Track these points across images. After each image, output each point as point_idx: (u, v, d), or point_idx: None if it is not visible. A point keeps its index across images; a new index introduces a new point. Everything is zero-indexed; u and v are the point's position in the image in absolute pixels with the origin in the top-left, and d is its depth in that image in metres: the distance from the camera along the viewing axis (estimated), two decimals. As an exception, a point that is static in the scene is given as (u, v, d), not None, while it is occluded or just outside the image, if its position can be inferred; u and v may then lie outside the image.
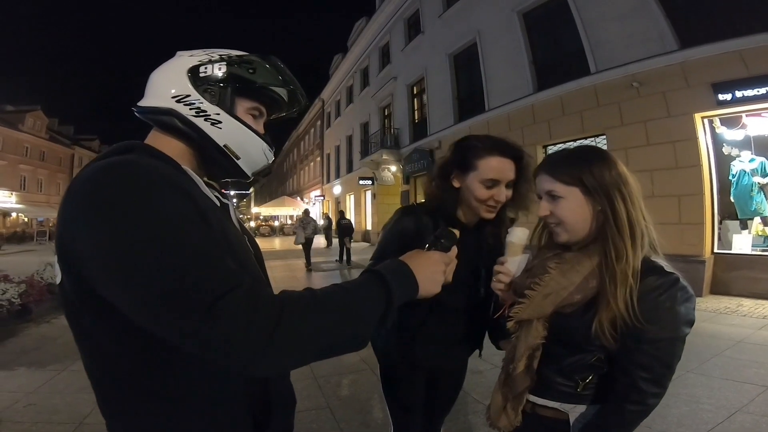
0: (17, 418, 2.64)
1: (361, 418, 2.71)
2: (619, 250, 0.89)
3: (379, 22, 18.20)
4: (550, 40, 9.48)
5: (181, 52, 0.81)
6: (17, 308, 4.92)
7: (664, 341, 0.87)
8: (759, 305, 5.50)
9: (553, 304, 0.94)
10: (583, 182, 0.94)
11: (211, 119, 0.77)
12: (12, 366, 3.58)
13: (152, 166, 0.62)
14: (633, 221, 0.91)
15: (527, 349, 0.99)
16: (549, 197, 0.99)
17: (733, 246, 6.48)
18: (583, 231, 0.96)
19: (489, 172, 1.24)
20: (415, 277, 0.76)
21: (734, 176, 6.53)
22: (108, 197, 0.58)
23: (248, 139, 0.82)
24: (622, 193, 0.92)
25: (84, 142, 43.73)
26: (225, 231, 0.69)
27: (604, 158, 0.96)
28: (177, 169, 0.72)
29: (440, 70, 13.20)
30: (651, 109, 6.98)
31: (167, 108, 0.75)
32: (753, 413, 2.59)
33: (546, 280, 0.96)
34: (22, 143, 32.56)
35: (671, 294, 0.86)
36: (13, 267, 6.80)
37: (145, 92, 0.80)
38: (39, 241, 23.86)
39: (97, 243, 0.57)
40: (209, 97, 0.77)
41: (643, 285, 0.87)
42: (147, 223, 0.56)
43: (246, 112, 0.82)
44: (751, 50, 5.92)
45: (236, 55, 0.81)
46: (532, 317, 0.98)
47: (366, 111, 20.04)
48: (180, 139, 0.77)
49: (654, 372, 0.87)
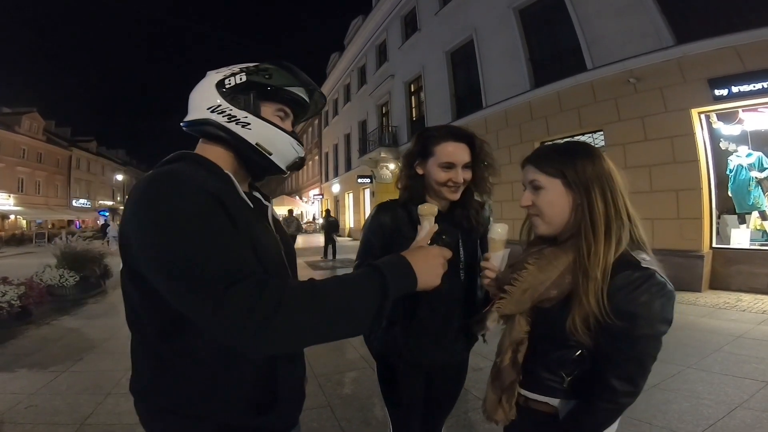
0: (18, 420, 2.64)
1: (361, 416, 2.72)
2: (590, 245, 0.89)
3: (376, 20, 18.17)
4: (546, 36, 9.48)
5: (209, 72, 0.94)
6: (17, 310, 4.91)
7: (638, 339, 0.85)
8: (758, 300, 5.51)
9: (531, 298, 0.96)
10: (565, 175, 0.95)
11: (241, 122, 0.88)
12: (13, 368, 3.58)
13: (189, 175, 0.76)
14: (609, 217, 0.91)
15: (511, 343, 1.02)
16: (532, 187, 1.01)
17: (731, 241, 6.52)
18: (561, 223, 0.97)
19: (444, 156, 1.36)
20: (413, 269, 0.81)
21: (731, 171, 6.57)
22: (150, 204, 0.72)
23: (276, 135, 0.93)
24: (602, 188, 0.92)
25: (81, 143, 43.51)
26: (251, 229, 0.81)
27: (588, 153, 0.97)
28: (218, 173, 0.85)
29: (437, 68, 13.20)
30: (648, 105, 6.99)
31: (204, 119, 0.89)
32: (753, 408, 2.60)
33: (524, 275, 0.98)
34: (19, 145, 32.39)
35: (646, 289, 0.84)
36: (12, 269, 6.81)
37: (188, 110, 0.93)
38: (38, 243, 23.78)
39: (142, 240, 0.72)
40: (237, 103, 0.89)
41: (616, 280, 0.86)
42: (177, 226, 0.69)
43: (273, 114, 0.94)
44: (747, 45, 5.94)
45: (254, 65, 0.92)
46: (513, 312, 1.00)
47: (364, 109, 20.02)
48: (221, 145, 0.90)
49: (626, 371, 0.86)
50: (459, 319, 1.44)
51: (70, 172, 39.67)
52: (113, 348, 4.14)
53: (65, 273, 6.42)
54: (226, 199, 0.76)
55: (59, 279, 6.30)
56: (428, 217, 1.23)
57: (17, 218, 31.71)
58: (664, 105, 6.81)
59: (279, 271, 0.88)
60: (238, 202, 0.83)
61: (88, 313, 5.80)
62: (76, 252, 6.87)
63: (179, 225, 0.69)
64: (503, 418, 1.03)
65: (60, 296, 6.22)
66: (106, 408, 2.80)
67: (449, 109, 12.60)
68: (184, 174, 0.76)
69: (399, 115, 16.35)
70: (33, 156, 34.06)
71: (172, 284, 0.69)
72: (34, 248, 21.21)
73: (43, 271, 6.37)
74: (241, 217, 0.78)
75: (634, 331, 0.85)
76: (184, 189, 0.73)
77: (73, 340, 4.49)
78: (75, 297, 6.43)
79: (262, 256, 0.79)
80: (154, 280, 0.72)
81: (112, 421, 2.62)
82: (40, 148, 35.00)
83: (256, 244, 0.80)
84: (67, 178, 39.22)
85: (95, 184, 44.69)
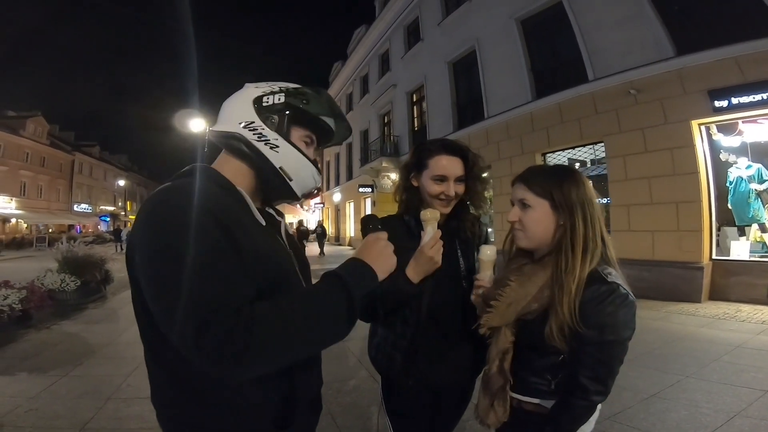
0: (18, 423, 2.64)
1: (362, 424, 2.72)
2: (569, 262, 0.99)
3: (379, 30, 18.35)
4: (548, 47, 9.57)
5: (248, 84, 0.94)
6: (18, 314, 4.92)
7: (605, 344, 0.96)
8: (757, 310, 5.51)
9: (515, 312, 1.06)
10: (553, 197, 1.05)
11: (271, 143, 0.89)
12: (13, 371, 3.59)
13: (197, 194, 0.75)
14: (588, 239, 1.01)
15: (498, 353, 1.10)
16: (521, 204, 1.10)
17: (731, 252, 6.51)
18: (542, 240, 1.08)
19: (438, 169, 1.38)
20: (365, 263, 0.84)
21: (731, 183, 6.58)
22: (151, 221, 0.74)
23: (301, 163, 0.93)
24: (584, 212, 1.02)
25: (85, 148, 43.76)
26: (260, 246, 0.80)
27: (575, 178, 1.06)
28: (229, 190, 0.85)
29: (439, 78, 13.29)
30: (648, 116, 7.03)
31: (235, 133, 0.88)
32: (751, 417, 2.61)
33: (507, 291, 1.07)
34: (23, 149, 32.55)
35: (611, 301, 0.95)
36: (13, 273, 6.81)
37: (217, 119, 0.93)
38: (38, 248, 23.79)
39: (140, 256, 0.74)
40: (270, 124, 0.89)
41: (586, 293, 0.96)
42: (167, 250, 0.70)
43: (300, 139, 0.94)
44: (747, 56, 5.99)
45: (293, 88, 0.93)
46: (500, 324, 1.09)
47: (366, 118, 20.13)
48: (243, 161, 0.90)
49: (596, 371, 0.96)
50: (466, 330, 1.40)
51: (72, 176, 39.79)
52: (113, 353, 4.14)
53: (66, 277, 6.43)
54: (231, 220, 0.76)
55: (60, 283, 6.31)
56: (431, 222, 1.27)
57: (18, 222, 31.75)
58: (664, 116, 6.85)
59: (289, 283, 0.88)
60: (247, 220, 0.83)
61: (88, 318, 5.81)
62: (77, 257, 6.89)
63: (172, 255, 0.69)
64: (495, 421, 1.12)
65: (61, 301, 6.22)
66: (107, 413, 2.79)
67: (451, 119, 12.66)
68: (195, 191, 0.76)
69: (401, 125, 16.43)
70: (36, 160, 34.21)
71: (154, 308, 0.72)
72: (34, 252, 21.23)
73: (45, 275, 6.38)
74: (248, 236, 0.78)
75: (602, 338, 0.95)
76: (188, 209, 0.72)
77: (73, 345, 4.49)
78: (76, 302, 6.44)
79: (273, 271, 0.81)
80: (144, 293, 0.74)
81: (112, 426, 2.62)
82: (43, 152, 35.17)
83: (267, 261, 0.80)
84: (69, 182, 39.33)
85: (97, 189, 44.80)
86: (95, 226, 41.41)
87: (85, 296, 6.74)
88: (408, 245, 1.27)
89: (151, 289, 0.72)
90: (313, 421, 0.99)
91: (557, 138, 8.80)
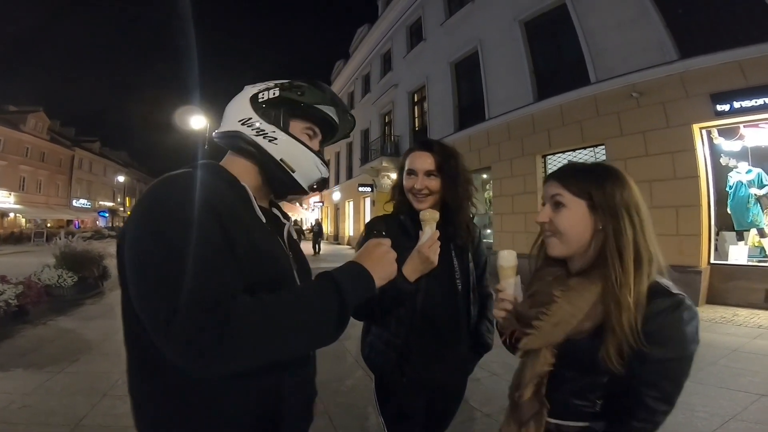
0: (12, 420, 2.62)
1: (359, 425, 2.71)
2: (621, 275, 0.87)
3: (382, 29, 18.34)
4: (550, 49, 9.56)
5: (247, 86, 0.95)
6: (14, 309, 4.90)
7: (673, 361, 0.86)
8: (754, 315, 5.53)
9: (564, 332, 0.92)
10: (592, 197, 0.92)
11: (269, 137, 0.89)
12: (8, 367, 3.57)
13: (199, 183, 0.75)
14: (640, 247, 0.89)
15: (534, 377, 0.96)
16: (553, 204, 0.97)
17: (729, 257, 6.51)
18: (577, 246, 0.95)
19: (408, 164, 1.45)
20: (364, 268, 0.82)
21: (731, 187, 6.58)
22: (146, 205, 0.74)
23: (301, 153, 0.93)
24: (631, 216, 0.90)
25: (85, 143, 43.72)
26: (256, 243, 0.79)
27: (619, 178, 0.94)
28: (232, 184, 0.85)
29: (441, 78, 13.28)
30: (650, 120, 7.03)
31: (234, 131, 0.90)
32: (747, 421, 2.62)
33: (554, 309, 0.93)
34: (23, 144, 32.52)
35: (678, 315, 0.85)
36: (10, 268, 6.80)
37: (221, 122, 0.94)
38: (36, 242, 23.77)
39: (128, 239, 0.73)
40: (267, 118, 0.90)
41: (649, 308, 0.85)
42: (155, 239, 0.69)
43: (301, 132, 0.94)
44: (750, 60, 5.98)
45: (288, 82, 0.93)
46: (540, 346, 0.96)
47: (367, 118, 20.12)
48: (247, 158, 0.91)
49: (663, 391, 0.87)
50: (460, 330, 1.44)
51: (72, 171, 39.76)
52: (109, 349, 4.12)
53: (64, 273, 6.42)
54: (228, 212, 0.75)
55: (57, 279, 6.30)
56: (430, 223, 1.28)
57: (16, 216, 31.73)
58: (666, 120, 6.85)
59: (286, 284, 0.85)
60: (247, 215, 0.83)
61: (85, 314, 5.79)
62: (75, 252, 6.88)
63: (158, 244, 0.68)
64: None
65: (58, 296, 6.21)
66: (102, 409, 2.79)
67: (452, 120, 12.66)
68: (194, 181, 0.76)
69: (402, 125, 16.42)
70: (36, 155, 34.19)
71: (133, 288, 0.70)
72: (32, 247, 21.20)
73: (42, 270, 6.37)
74: (245, 230, 0.77)
75: (669, 354, 0.85)
76: (184, 197, 0.72)
77: (69, 341, 4.48)
78: (72, 297, 6.43)
79: (267, 269, 0.80)
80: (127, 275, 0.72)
81: (107, 423, 2.61)
82: (43, 147, 35.13)
83: (261, 258, 0.79)
84: (68, 177, 39.29)
85: (96, 184, 44.77)
86: (94, 221, 41.39)
87: (82, 292, 6.72)
88: (404, 244, 1.28)
89: (132, 272, 0.70)
90: (303, 430, 0.96)
91: (558, 140, 8.79)
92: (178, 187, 0.75)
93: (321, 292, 0.76)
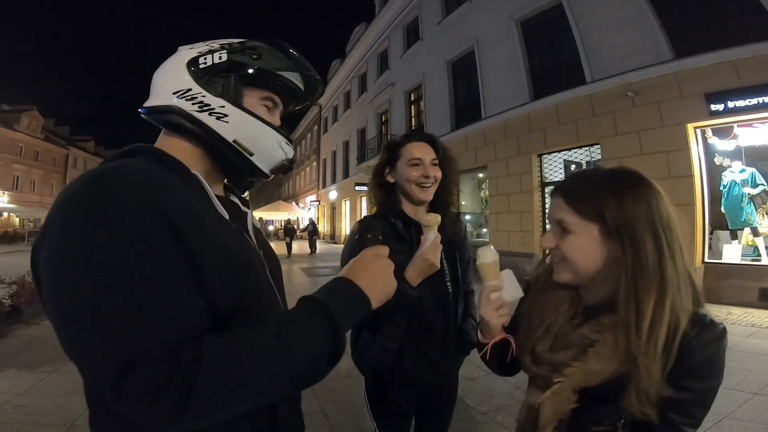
0: (6, 420, 2.61)
1: (355, 423, 2.71)
2: (632, 321, 0.73)
3: (378, 28, 18.32)
4: (547, 48, 9.58)
5: (181, 47, 0.76)
6: (8, 309, 4.87)
7: (709, 390, 0.76)
8: (747, 313, 5.56)
9: (599, 377, 0.78)
10: (604, 218, 0.76)
11: (216, 113, 0.71)
12: (2, 367, 3.55)
13: (127, 180, 0.57)
14: (666, 276, 0.72)
15: (555, 415, 0.83)
16: (558, 228, 0.82)
17: (723, 256, 6.56)
18: (593, 275, 0.80)
19: (412, 153, 1.41)
20: (359, 288, 0.68)
21: (725, 187, 6.62)
22: (67, 215, 0.55)
23: (260, 131, 0.75)
24: (657, 239, 0.74)
25: (79, 142, 43.59)
26: (219, 252, 0.63)
27: (639, 189, 0.78)
28: (183, 175, 0.67)
29: (438, 77, 13.29)
30: (645, 119, 7.07)
31: (168, 105, 0.70)
32: (740, 419, 2.63)
33: (590, 356, 0.79)
34: (17, 143, 32.33)
35: (722, 346, 0.75)
36: (4, 268, 6.73)
37: (150, 94, 0.74)
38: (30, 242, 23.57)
39: (46, 262, 0.55)
40: (212, 89, 0.71)
41: (694, 342, 0.73)
42: (84, 258, 0.52)
43: (258, 104, 0.76)
44: (744, 60, 6.03)
45: (238, 42, 0.75)
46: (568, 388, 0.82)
47: (363, 117, 20.11)
48: (187, 140, 0.72)
49: (695, 417, 0.77)
50: (450, 329, 1.44)
51: (66, 170, 39.54)
52: (105, 349, 4.10)
53: (58, 272, 6.37)
54: (185, 217, 0.58)
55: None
56: (433, 227, 1.25)
57: (10, 216, 31.49)
58: (660, 119, 6.89)
59: (265, 294, 0.73)
60: (207, 214, 0.65)
61: (80, 314, 5.75)
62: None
63: (93, 264, 0.51)
64: None
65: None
66: (96, 409, 2.77)
67: (448, 119, 12.67)
68: (131, 178, 0.58)
69: (398, 124, 16.41)
70: (30, 154, 34.01)
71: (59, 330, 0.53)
72: (26, 246, 21.02)
73: (36, 270, 6.31)
74: (208, 237, 0.61)
75: (704, 385, 0.75)
76: (117, 205, 0.54)
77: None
78: (67, 297, 6.37)
79: (239, 280, 0.65)
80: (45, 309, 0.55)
81: (101, 423, 2.60)
82: (37, 146, 34.97)
83: (232, 268, 0.64)
84: (63, 176, 39.03)
85: (91, 183, 44.47)
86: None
87: (77, 292, 6.67)
88: (398, 248, 1.26)
89: (57, 309, 0.52)
90: None
91: (554, 139, 8.83)
92: (116, 187, 0.55)
93: (308, 324, 0.60)
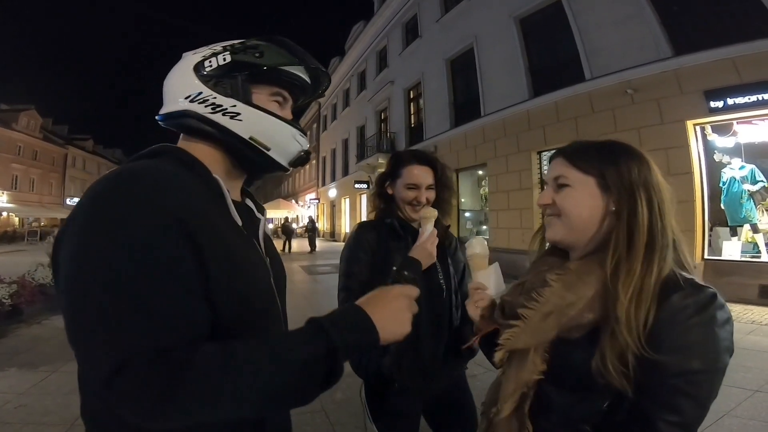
0: (8, 419, 2.61)
1: (355, 422, 2.71)
2: (622, 260, 0.70)
3: (377, 26, 18.27)
4: (546, 46, 9.57)
5: (185, 53, 0.79)
6: (8, 309, 4.87)
7: (698, 374, 0.65)
8: (747, 310, 5.56)
9: (557, 325, 0.73)
10: (603, 174, 0.77)
11: (229, 112, 0.74)
12: (2, 367, 3.55)
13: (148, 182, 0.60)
14: (654, 231, 0.71)
15: (518, 387, 0.77)
16: (555, 184, 0.82)
17: (723, 252, 6.57)
18: (585, 230, 0.78)
19: (410, 178, 1.48)
20: (372, 322, 0.65)
21: (725, 183, 6.64)
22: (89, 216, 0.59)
23: (273, 126, 0.78)
24: (649, 196, 0.74)
25: (78, 141, 43.42)
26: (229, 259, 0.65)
27: (636, 155, 0.80)
28: (204, 178, 0.70)
29: (437, 75, 13.27)
30: (645, 116, 7.07)
31: (182, 110, 0.74)
32: (740, 416, 2.63)
33: (546, 295, 0.75)
34: (15, 142, 32.21)
35: (708, 315, 0.66)
36: (4, 267, 6.73)
37: (163, 102, 0.78)
38: (30, 241, 23.57)
39: (66, 261, 0.59)
40: (221, 90, 0.74)
41: (667, 306, 0.66)
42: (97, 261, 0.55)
43: (268, 100, 0.79)
44: (743, 57, 6.03)
45: (239, 42, 0.77)
46: (528, 345, 0.77)
47: (362, 114, 20.08)
48: (206, 142, 0.75)
49: (682, 413, 0.64)
50: (442, 335, 1.44)
51: (65, 170, 39.47)
52: (105, 348, 4.10)
53: (58, 272, 6.36)
54: (200, 223, 0.61)
55: (51, 278, 6.24)
56: (430, 220, 1.37)
57: (9, 215, 31.46)
58: (660, 116, 6.89)
59: (267, 302, 0.75)
60: (222, 221, 0.68)
61: (80, 313, 5.74)
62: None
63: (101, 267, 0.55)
64: None
65: (52, 295, 6.13)
66: (97, 409, 2.78)
67: (448, 116, 12.66)
68: (153, 181, 0.61)
69: (398, 122, 16.40)
70: (29, 153, 33.91)
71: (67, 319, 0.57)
72: (26, 246, 21.02)
73: (36, 269, 6.31)
74: (219, 244, 0.64)
75: (692, 365, 0.65)
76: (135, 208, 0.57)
77: (64, 340, 4.24)
78: (67, 296, 6.37)
79: (244, 285, 0.67)
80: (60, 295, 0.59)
81: (102, 422, 2.60)
82: (36, 145, 34.85)
83: (239, 273, 0.67)
84: (62, 176, 38.99)
85: (90, 182, 43.73)
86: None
87: (77, 291, 6.67)
88: (395, 246, 1.42)
89: (68, 308, 0.57)
90: None
91: (553, 137, 8.81)
92: (136, 189, 0.59)
93: (306, 349, 0.59)
